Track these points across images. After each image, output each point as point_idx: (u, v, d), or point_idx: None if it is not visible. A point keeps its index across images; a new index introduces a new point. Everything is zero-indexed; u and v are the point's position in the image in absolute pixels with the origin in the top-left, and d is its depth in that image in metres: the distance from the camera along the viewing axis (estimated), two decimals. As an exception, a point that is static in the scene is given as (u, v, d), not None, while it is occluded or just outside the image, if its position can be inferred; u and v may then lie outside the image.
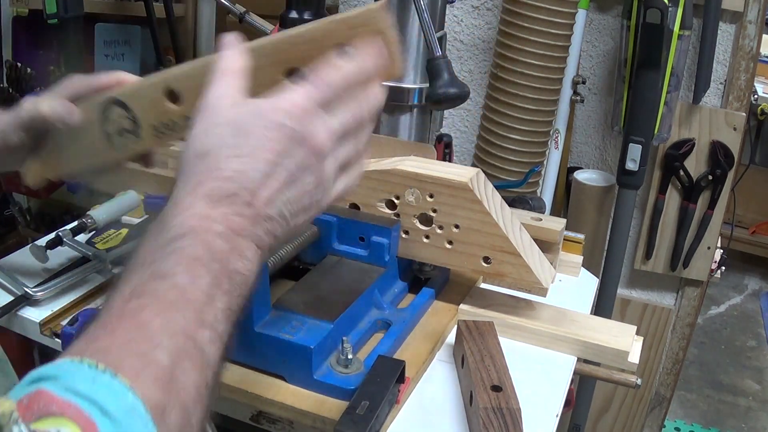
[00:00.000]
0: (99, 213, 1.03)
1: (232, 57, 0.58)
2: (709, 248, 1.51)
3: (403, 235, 0.87)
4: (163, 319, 0.45)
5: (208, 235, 0.50)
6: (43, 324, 0.84)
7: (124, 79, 0.74)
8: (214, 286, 0.48)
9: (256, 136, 0.53)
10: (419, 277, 0.93)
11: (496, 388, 0.70)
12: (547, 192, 1.51)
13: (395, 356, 0.79)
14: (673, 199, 1.51)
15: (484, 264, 0.85)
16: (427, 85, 0.94)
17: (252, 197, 0.52)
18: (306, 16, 0.89)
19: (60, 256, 0.97)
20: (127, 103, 0.70)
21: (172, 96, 0.66)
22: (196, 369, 0.45)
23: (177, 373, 0.43)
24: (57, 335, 0.83)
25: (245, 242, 0.52)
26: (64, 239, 0.97)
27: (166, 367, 0.43)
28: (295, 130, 0.53)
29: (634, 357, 0.84)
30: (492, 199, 0.84)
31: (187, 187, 0.52)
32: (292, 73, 0.59)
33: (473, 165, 1.47)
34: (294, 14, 0.89)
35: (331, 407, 0.71)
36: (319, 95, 0.55)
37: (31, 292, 0.87)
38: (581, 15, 1.41)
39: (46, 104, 0.74)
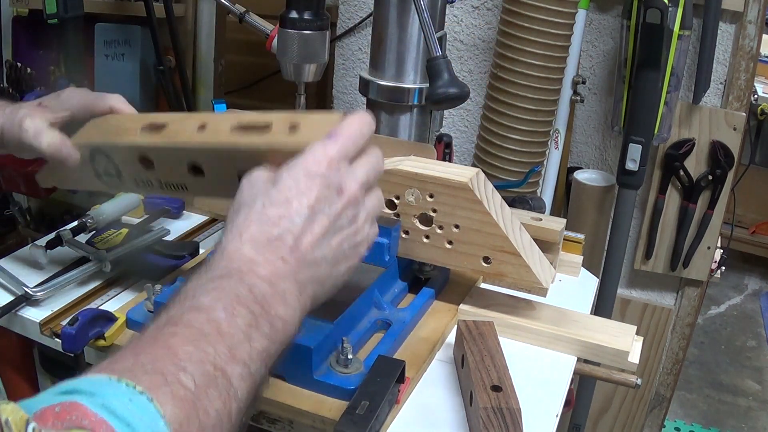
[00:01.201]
0: (99, 213, 1.03)
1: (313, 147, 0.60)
2: (709, 248, 1.51)
3: (403, 235, 0.87)
4: (193, 347, 0.46)
5: (251, 277, 0.52)
6: (43, 324, 0.84)
7: (118, 108, 0.78)
8: (252, 327, 0.49)
9: (295, 186, 0.56)
10: (419, 277, 0.93)
11: (496, 388, 0.70)
12: (547, 192, 1.51)
13: (395, 356, 0.79)
14: (673, 199, 1.51)
15: (484, 264, 0.84)
16: (427, 85, 0.94)
17: (296, 241, 0.55)
18: (306, 16, 0.89)
19: (60, 256, 0.97)
20: (110, 155, 0.75)
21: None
22: (221, 399, 0.46)
23: (201, 397, 0.44)
24: (57, 335, 0.83)
25: (288, 286, 0.53)
26: (64, 239, 0.97)
27: (189, 389, 0.44)
28: (330, 179, 0.57)
29: (634, 357, 0.84)
30: (492, 199, 0.84)
31: (231, 234, 0.55)
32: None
33: (473, 165, 1.47)
34: (294, 14, 0.89)
35: (331, 407, 0.71)
36: (344, 148, 0.58)
37: (31, 292, 0.87)
38: (581, 15, 1.41)
39: (46, 139, 0.75)
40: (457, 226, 0.84)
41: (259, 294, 0.51)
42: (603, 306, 1.43)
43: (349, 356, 0.74)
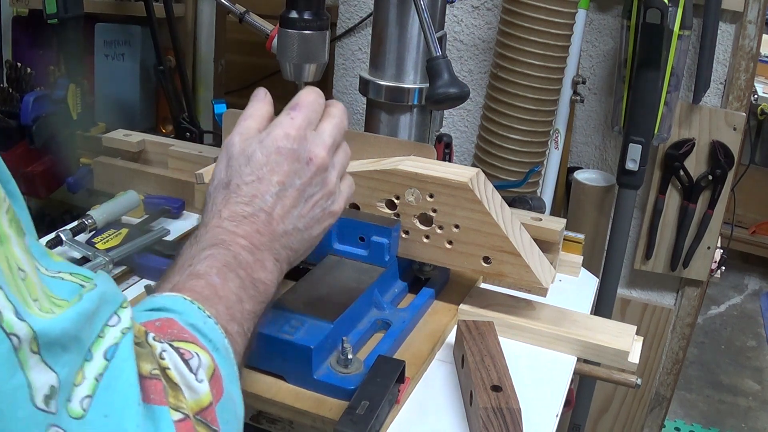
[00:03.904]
0: (99, 213, 1.03)
1: (255, 106, 0.66)
2: (709, 248, 1.51)
3: (403, 235, 0.87)
4: None
5: (235, 247, 0.58)
6: (43, 324, 0.84)
7: None
8: (241, 289, 0.55)
9: (266, 163, 0.61)
10: (419, 277, 0.93)
11: (496, 388, 0.70)
12: (547, 192, 1.51)
13: (395, 356, 0.79)
14: (673, 199, 1.51)
15: (484, 264, 0.84)
16: (427, 85, 0.94)
17: (268, 216, 0.60)
18: (306, 16, 0.89)
19: (60, 256, 0.97)
20: None
21: None
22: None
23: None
24: (57, 335, 0.82)
25: (266, 255, 0.59)
26: (64, 239, 0.97)
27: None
28: (300, 151, 0.62)
29: (634, 357, 0.84)
30: (492, 199, 0.84)
31: (212, 212, 0.61)
32: None
33: (473, 165, 1.47)
34: (294, 14, 0.89)
35: (331, 407, 0.71)
36: (305, 117, 0.63)
37: (31, 292, 0.87)
38: (581, 15, 1.41)
39: None
40: (457, 226, 0.84)
41: (243, 261, 0.57)
42: (603, 306, 1.43)
43: (349, 356, 0.74)
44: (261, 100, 0.67)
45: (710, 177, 1.46)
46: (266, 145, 0.61)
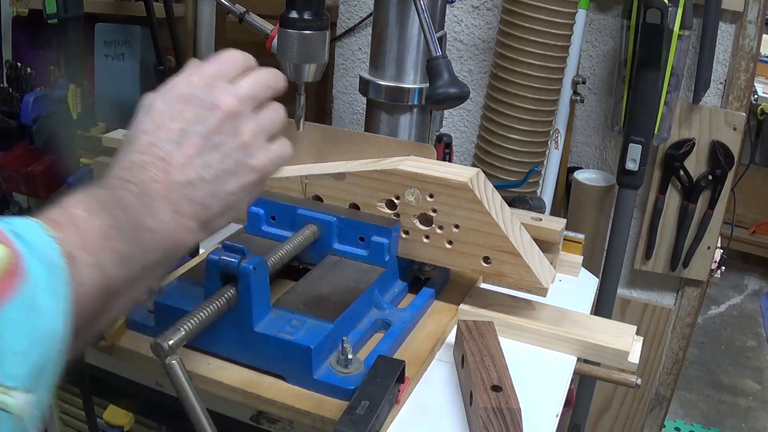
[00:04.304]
0: (99, 213, 1.03)
1: (187, 70, 0.62)
2: (709, 248, 1.51)
3: (403, 235, 0.87)
4: None
5: (121, 191, 0.54)
6: (43, 324, 0.84)
7: None
8: (113, 228, 0.51)
9: (167, 111, 0.58)
10: (419, 277, 0.93)
11: (496, 388, 0.70)
12: (547, 192, 1.51)
13: (395, 356, 0.79)
14: (673, 199, 1.51)
15: (484, 264, 0.85)
16: (427, 85, 0.94)
17: (166, 164, 0.56)
18: (306, 17, 0.89)
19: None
20: None
21: None
22: None
23: None
24: (57, 335, 0.82)
25: (161, 204, 0.55)
26: (64, 239, 0.96)
27: None
28: (201, 98, 0.58)
29: (634, 357, 0.84)
30: (492, 199, 0.84)
31: (111, 167, 0.57)
32: None
33: (473, 165, 1.47)
34: (294, 14, 0.89)
35: (331, 407, 0.71)
36: (217, 68, 0.60)
37: (31, 292, 0.87)
38: (581, 15, 1.41)
39: None
40: (457, 226, 0.84)
41: (126, 204, 0.53)
42: (603, 306, 1.43)
43: (349, 356, 0.74)
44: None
45: (710, 177, 1.46)
46: (167, 93, 0.59)
